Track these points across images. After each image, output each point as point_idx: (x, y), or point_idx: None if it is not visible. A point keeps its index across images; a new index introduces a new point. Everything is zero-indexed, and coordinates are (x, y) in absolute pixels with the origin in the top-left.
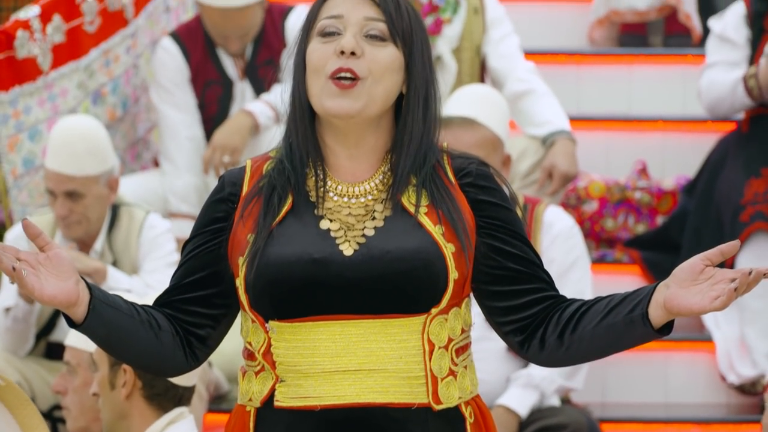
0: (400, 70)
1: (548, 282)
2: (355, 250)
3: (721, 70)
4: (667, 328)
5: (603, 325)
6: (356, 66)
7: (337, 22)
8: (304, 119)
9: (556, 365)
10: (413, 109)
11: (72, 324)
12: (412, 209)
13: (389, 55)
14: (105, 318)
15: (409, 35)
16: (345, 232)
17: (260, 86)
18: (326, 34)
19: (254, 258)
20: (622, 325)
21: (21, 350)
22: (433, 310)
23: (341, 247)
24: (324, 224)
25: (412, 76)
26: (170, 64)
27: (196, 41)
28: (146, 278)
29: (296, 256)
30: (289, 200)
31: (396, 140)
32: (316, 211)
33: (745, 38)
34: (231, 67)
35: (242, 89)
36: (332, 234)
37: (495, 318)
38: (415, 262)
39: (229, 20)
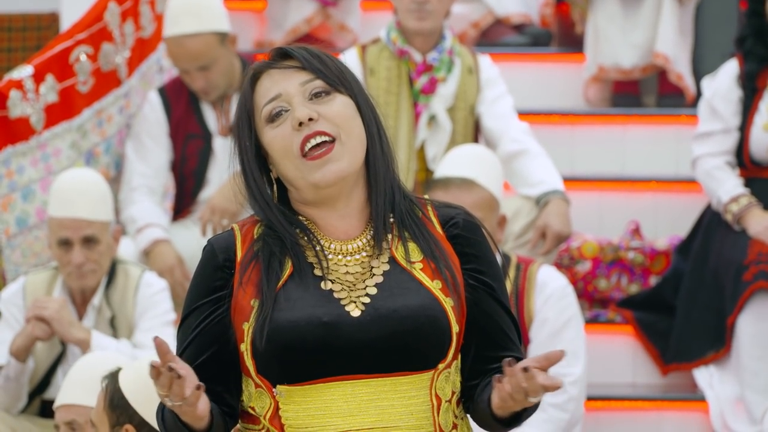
0: (357, 112)
1: (508, 348)
2: (362, 311)
3: (711, 148)
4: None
5: (479, 402)
6: (321, 126)
7: (279, 102)
8: (277, 210)
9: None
10: (372, 146)
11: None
12: (407, 265)
13: (342, 104)
14: (214, 418)
15: (345, 79)
16: (348, 292)
17: None
18: (274, 118)
19: (263, 324)
20: (484, 406)
21: (14, 408)
22: (440, 366)
23: (347, 308)
24: (325, 285)
25: (363, 114)
26: (150, 117)
27: (181, 95)
28: (142, 337)
29: (305, 320)
30: (289, 263)
31: (370, 184)
32: (315, 272)
33: (735, 102)
34: (213, 121)
35: (224, 145)
36: (335, 295)
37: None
38: (422, 319)
39: (183, 50)
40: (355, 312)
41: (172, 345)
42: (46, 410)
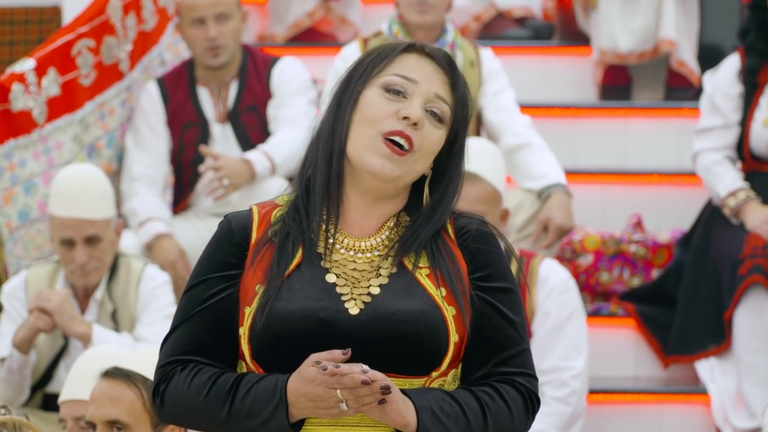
0: (438, 150)
1: (506, 363)
2: (360, 309)
3: (711, 143)
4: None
5: None
6: (414, 136)
7: (408, 84)
8: (338, 158)
9: None
10: (449, 196)
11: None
12: (413, 270)
13: (439, 139)
14: None
15: (463, 125)
16: (351, 289)
17: (243, 132)
18: (392, 91)
19: (263, 311)
20: None
21: (16, 401)
22: (434, 374)
23: (347, 305)
24: (330, 278)
25: (454, 163)
26: (148, 107)
27: (179, 83)
28: (143, 331)
29: (302, 313)
30: (299, 252)
31: (422, 215)
32: (322, 263)
33: (736, 97)
34: (210, 108)
35: (222, 132)
36: (338, 290)
37: None
38: (419, 325)
39: None
40: (354, 310)
41: None
42: (49, 403)
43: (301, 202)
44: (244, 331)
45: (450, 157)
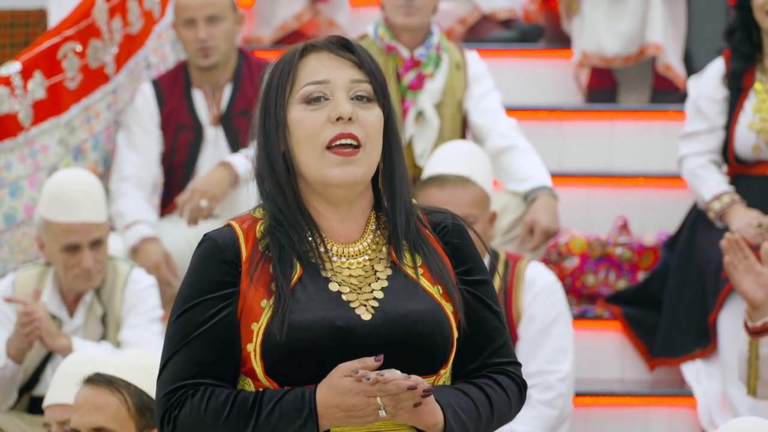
0: (382, 128)
1: (496, 353)
2: (372, 315)
3: (696, 148)
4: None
5: None
6: (355, 131)
7: (323, 87)
8: (290, 188)
9: None
10: (399, 168)
11: None
12: (409, 271)
13: (377, 117)
14: None
15: (386, 93)
16: (356, 295)
17: (234, 135)
18: (312, 101)
19: (282, 323)
20: None
21: (3, 405)
22: (442, 371)
23: (357, 311)
24: (333, 287)
25: (392, 133)
26: (142, 109)
27: (175, 86)
28: (128, 334)
29: (318, 323)
30: (298, 265)
31: (387, 201)
32: (321, 273)
33: (720, 102)
34: (204, 111)
35: (214, 135)
36: (344, 297)
37: None
38: (431, 324)
39: None
40: (366, 315)
41: (158, 340)
42: (35, 406)
43: (282, 217)
44: (254, 348)
45: (392, 131)
